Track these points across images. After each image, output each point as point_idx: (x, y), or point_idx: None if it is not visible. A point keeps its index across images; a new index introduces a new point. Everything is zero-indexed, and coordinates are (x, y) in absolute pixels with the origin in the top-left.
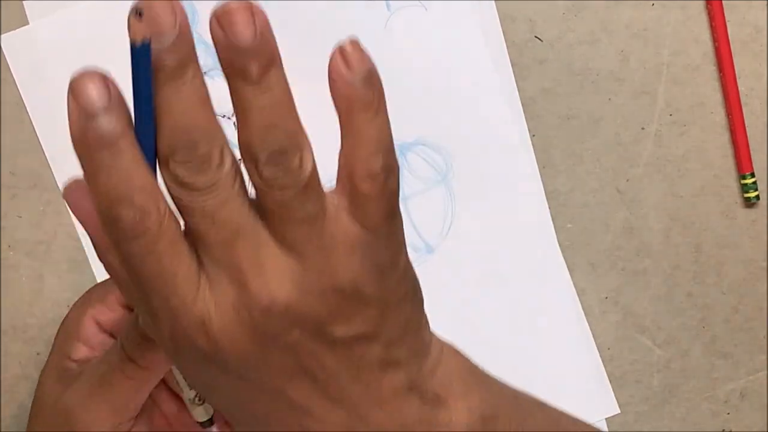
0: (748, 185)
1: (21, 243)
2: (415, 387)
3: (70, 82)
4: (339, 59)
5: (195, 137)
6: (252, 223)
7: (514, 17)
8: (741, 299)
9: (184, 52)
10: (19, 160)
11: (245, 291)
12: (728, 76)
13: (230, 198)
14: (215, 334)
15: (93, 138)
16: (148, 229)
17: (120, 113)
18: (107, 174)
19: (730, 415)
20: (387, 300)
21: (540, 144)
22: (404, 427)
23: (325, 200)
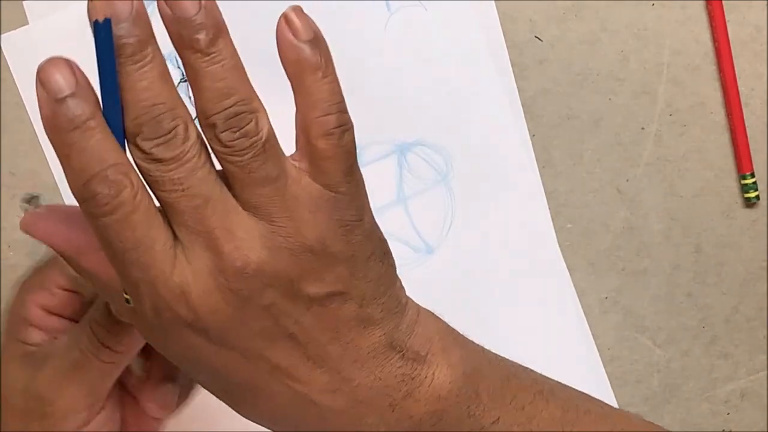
0: (749, 185)
1: (21, 243)
2: (394, 344)
3: (37, 71)
4: (284, 26)
5: (159, 113)
6: (219, 190)
7: (514, 17)
8: (741, 299)
9: (142, 32)
10: (19, 160)
11: (219, 256)
12: (728, 76)
13: (197, 168)
14: (194, 301)
15: (63, 121)
16: (124, 202)
17: (87, 96)
18: (79, 153)
19: (730, 415)
20: (355, 257)
21: (540, 144)
22: (387, 385)
23: (286, 162)
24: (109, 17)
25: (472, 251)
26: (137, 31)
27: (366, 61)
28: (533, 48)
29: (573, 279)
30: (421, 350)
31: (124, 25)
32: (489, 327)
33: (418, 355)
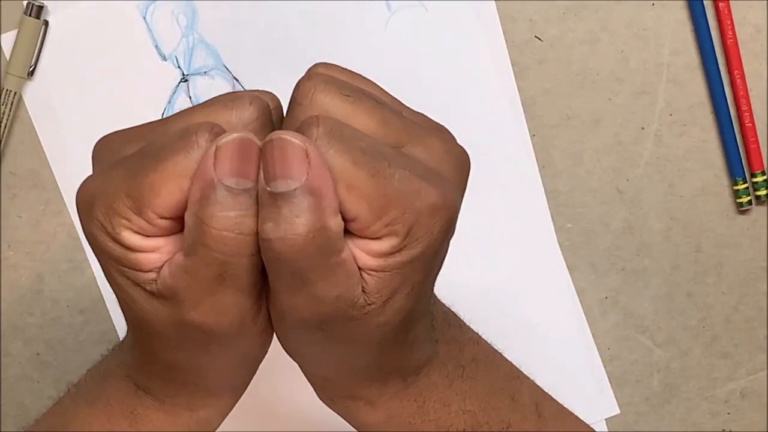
0: (759, 183)
1: (21, 243)
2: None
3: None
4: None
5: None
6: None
7: (514, 17)
8: (741, 299)
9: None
10: (19, 160)
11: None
12: (736, 74)
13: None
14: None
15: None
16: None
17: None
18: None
19: (730, 415)
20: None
21: (540, 144)
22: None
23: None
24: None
25: (472, 251)
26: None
27: (366, 61)
28: (533, 48)
29: (573, 279)
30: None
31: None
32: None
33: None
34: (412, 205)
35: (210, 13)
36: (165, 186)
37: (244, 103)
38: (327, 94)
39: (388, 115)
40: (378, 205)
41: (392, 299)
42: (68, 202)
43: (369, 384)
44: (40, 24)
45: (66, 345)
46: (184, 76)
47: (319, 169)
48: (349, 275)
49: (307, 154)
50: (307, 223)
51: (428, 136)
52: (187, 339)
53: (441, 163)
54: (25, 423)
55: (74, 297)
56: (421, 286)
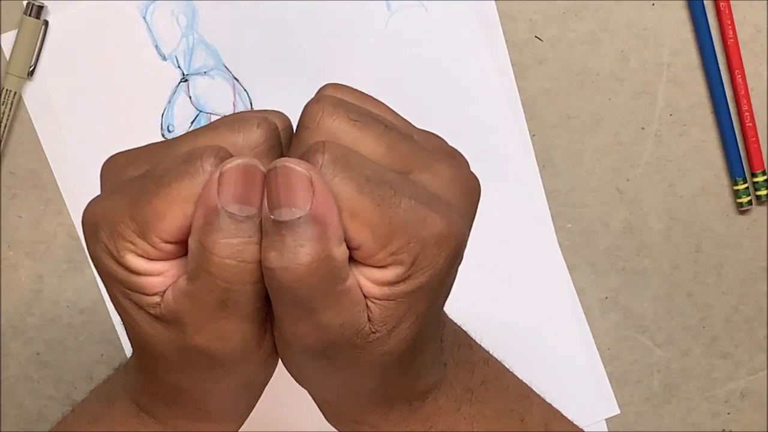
0: (759, 183)
1: (21, 243)
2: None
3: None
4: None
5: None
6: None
7: (514, 17)
8: (741, 299)
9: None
10: (19, 160)
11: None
12: (737, 74)
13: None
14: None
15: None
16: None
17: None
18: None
19: (730, 415)
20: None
21: (540, 144)
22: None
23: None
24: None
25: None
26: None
27: (366, 61)
28: (533, 48)
29: (573, 279)
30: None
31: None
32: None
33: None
34: (418, 234)
35: (210, 13)
36: (169, 211)
37: (252, 125)
38: (335, 118)
39: (396, 139)
40: (382, 233)
41: (397, 328)
42: (68, 202)
43: (373, 409)
44: (40, 24)
45: (66, 345)
46: (184, 76)
47: (324, 198)
48: (354, 303)
49: (311, 183)
50: (311, 252)
51: (437, 162)
52: (190, 363)
53: (449, 191)
54: (25, 423)
55: (74, 297)
56: (427, 314)
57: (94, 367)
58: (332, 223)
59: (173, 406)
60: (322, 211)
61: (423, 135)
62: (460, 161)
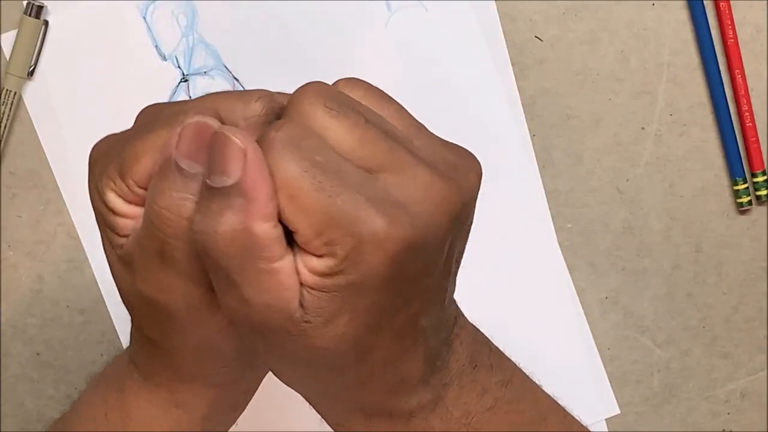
0: (759, 183)
1: (21, 243)
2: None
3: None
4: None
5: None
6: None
7: (514, 17)
8: (741, 299)
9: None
10: (19, 160)
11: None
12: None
13: None
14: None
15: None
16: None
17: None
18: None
19: (730, 415)
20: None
21: (540, 144)
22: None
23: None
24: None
25: (472, 251)
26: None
27: (366, 61)
28: (533, 48)
29: (573, 279)
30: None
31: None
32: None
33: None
34: (353, 230)
35: (210, 13)
36: (143, 156)
37: (252, 98)
38: (311, 104)
39: (374, 136)
40: (317, 221)
41: (332, 323)
42: (68, 202)
43: (348, 416)
44: (40, 24)
45: (66, 345)
46: (184, 76)
47: (254, 172)
48: (282, 286)
49: (244, 155)
50: (228, 222)
51: (415, 167)
52: (145, 312)
53: (416, 197)
54: (25, 423)
55: (74, 297)
56: (371, 318)
57: (94, 367)
58: (258, 198)
59: (151, 359)
60: (250, 185)
61: (430, 143)
62: (454, 177)
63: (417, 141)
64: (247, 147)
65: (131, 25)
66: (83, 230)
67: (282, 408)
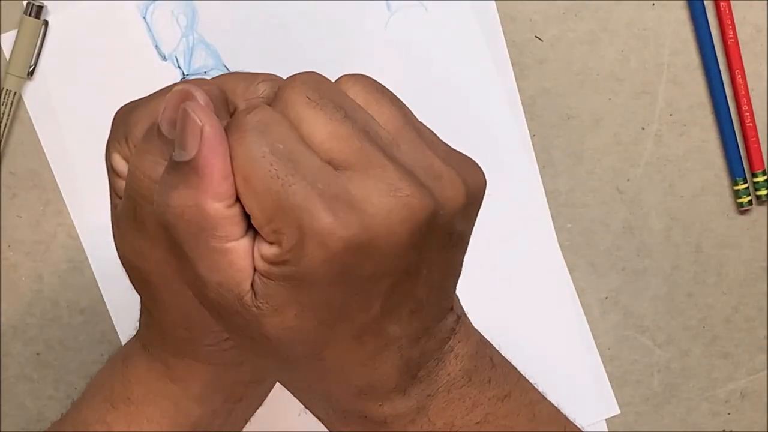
0: (760, 183)
1: (21, 243)
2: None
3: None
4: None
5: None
6: None
7: (514, 17)
8: (741, 299)
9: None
10: (19, 160)
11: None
12: (737, 74)
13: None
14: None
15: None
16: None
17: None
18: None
19: (730, 415)
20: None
21: (540, 144)
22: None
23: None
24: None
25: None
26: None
27: (366, 61)
28: (533, 48)
29: (573, 279)
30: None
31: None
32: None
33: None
34: (299, 222)
35: (210, 13)
36: (142, 120)
37: (256, 80)
38: (294, 93)
39: (348, 133)
40: (267, 207)
41: (281, 313)
42: (68, 202)
43: (327, 413)
44: (40, 24)
45: (66, 345)
46: (184, 76)
47: (209, 151)
48: (234, 266)
49: (201, 132)
50: (178, 197)
51: (384, 169)
52: (132, 277)
53: (374, 199)
54: (25, 423)
55: (74, 297)
56: (322, 315)
57: (94, 367)
58: (212, 176)
59: (148, 330)
60: (204, 163)
61: (419, 149)
62: (429, 187)
63: (404, 145)
64: (204, 125)
65: (131, 25)
66: (83, 230)
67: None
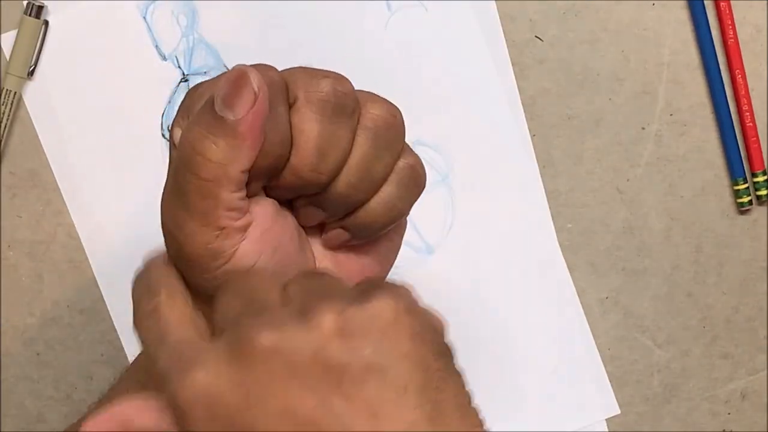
0: (760, 183)
1: (21, 243)
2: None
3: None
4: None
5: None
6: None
7: (514, 17)
8: (741, 299)
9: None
10: (19, 160)
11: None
12: (737, 74)
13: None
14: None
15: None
16: None
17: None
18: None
19: (730, 415)
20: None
21: (540, 144)
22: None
23: None
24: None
25: (473, 251)
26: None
27: (366, 61)
28: (533, 48)
29: (573, 279)
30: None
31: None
32: (489, 327)
33: None
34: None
35: (210, 13)
36: (203, 97)
37: (319, 75)
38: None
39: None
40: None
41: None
42: (68, 202)
43: None
44: (40, 24)
45: (66, 345)
46: (184, 76)
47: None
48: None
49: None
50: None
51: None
52: (166, 242)
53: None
54: (25, 423)
55: (74, 297)
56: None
57: (94, 367)
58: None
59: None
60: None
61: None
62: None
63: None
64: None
65: (131, 25)
66: (83, 230)
67: None
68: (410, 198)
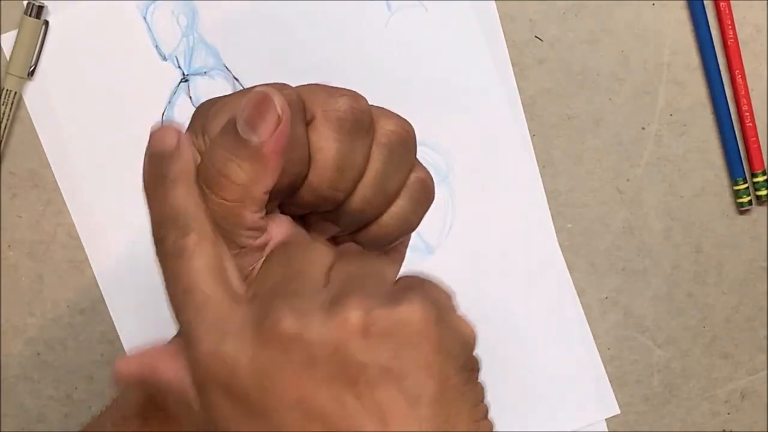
0: (760, 183)
1: (21, 243)
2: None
3: (151, 134)
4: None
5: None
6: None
7: (514, 17)
8: (741, 299)
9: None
10: (19, 160)
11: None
12: (737, 74)
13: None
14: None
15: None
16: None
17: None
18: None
19: (730, 415)
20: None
21: (540, 144)
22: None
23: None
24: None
25: (472, 251)
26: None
27: (366, 61)
28: (533, 48)
29: (573, 279)
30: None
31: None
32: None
33: None
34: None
35: (210, 13)
36: (219, 115)
37: (337, 93)
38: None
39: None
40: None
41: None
42: (68, 202)
43: None
44: (40, 24)
45: (66, 345)
46: (184, 76)
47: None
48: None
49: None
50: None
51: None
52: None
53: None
54: (25, 423)
55: (74, 297)
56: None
57: (94, 367)
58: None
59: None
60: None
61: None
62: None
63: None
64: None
65: (131, 25)
66: (83, 230)
67: None
68: (421, 211)
